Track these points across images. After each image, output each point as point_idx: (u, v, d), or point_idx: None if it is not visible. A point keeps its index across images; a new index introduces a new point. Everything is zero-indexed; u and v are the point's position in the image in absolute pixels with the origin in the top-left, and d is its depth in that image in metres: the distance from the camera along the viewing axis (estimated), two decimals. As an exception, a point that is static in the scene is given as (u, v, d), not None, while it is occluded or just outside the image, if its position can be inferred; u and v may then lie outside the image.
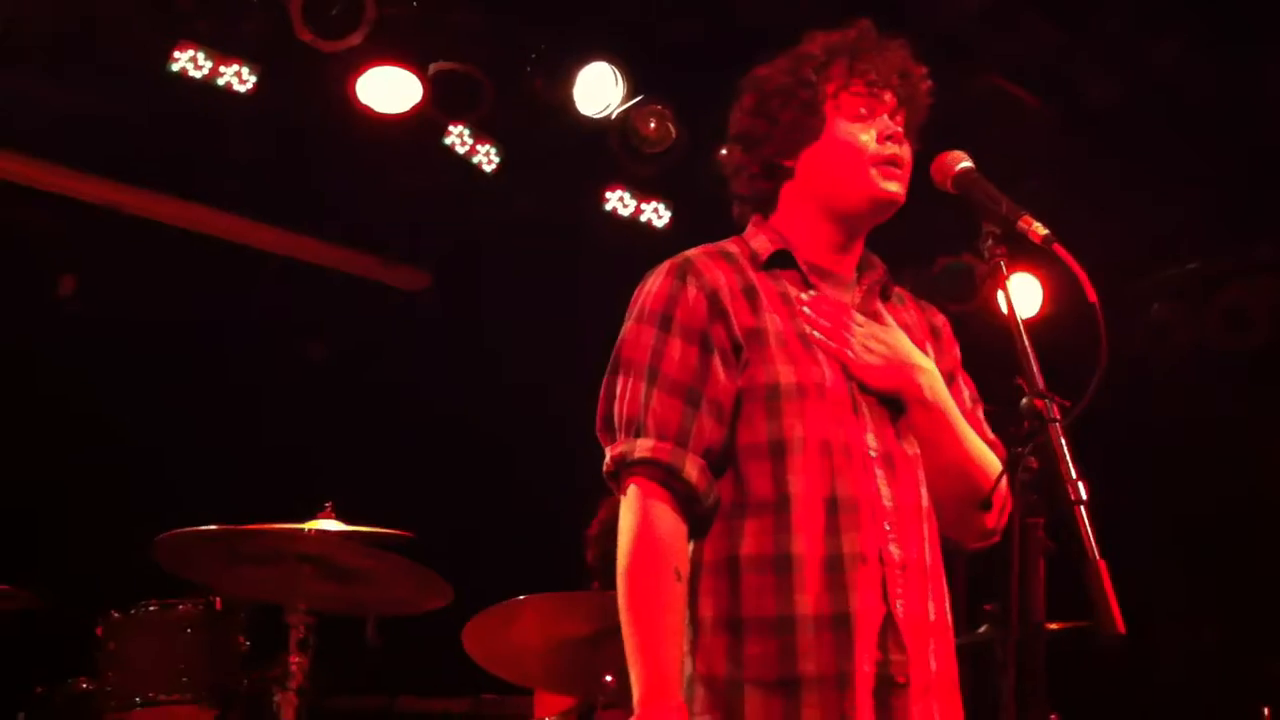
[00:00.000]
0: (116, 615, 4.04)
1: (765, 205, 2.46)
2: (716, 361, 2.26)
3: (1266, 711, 4.82)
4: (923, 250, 6.12)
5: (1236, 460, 5.96)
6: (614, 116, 5.44)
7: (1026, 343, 2.02)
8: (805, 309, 2.33)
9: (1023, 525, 1.91)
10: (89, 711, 4.06)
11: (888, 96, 2.38)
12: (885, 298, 2.47)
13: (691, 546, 2.25)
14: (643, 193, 5.93)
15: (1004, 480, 1.97)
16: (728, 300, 2.29)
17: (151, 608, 4.06)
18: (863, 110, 2.37)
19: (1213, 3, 4.91)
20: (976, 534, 2.39)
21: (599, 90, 5.38)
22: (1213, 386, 6.10)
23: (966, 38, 5.04)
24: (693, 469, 2.21)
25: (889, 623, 2.19)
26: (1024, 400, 1.94)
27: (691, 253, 2.38)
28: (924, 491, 2.32)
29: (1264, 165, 5.52)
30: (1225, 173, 5.62)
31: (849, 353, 2.30)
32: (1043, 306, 5.99)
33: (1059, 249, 2.07)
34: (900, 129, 2.38)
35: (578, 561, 4.29)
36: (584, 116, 5.40)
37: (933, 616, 2.27)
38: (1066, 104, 5.37)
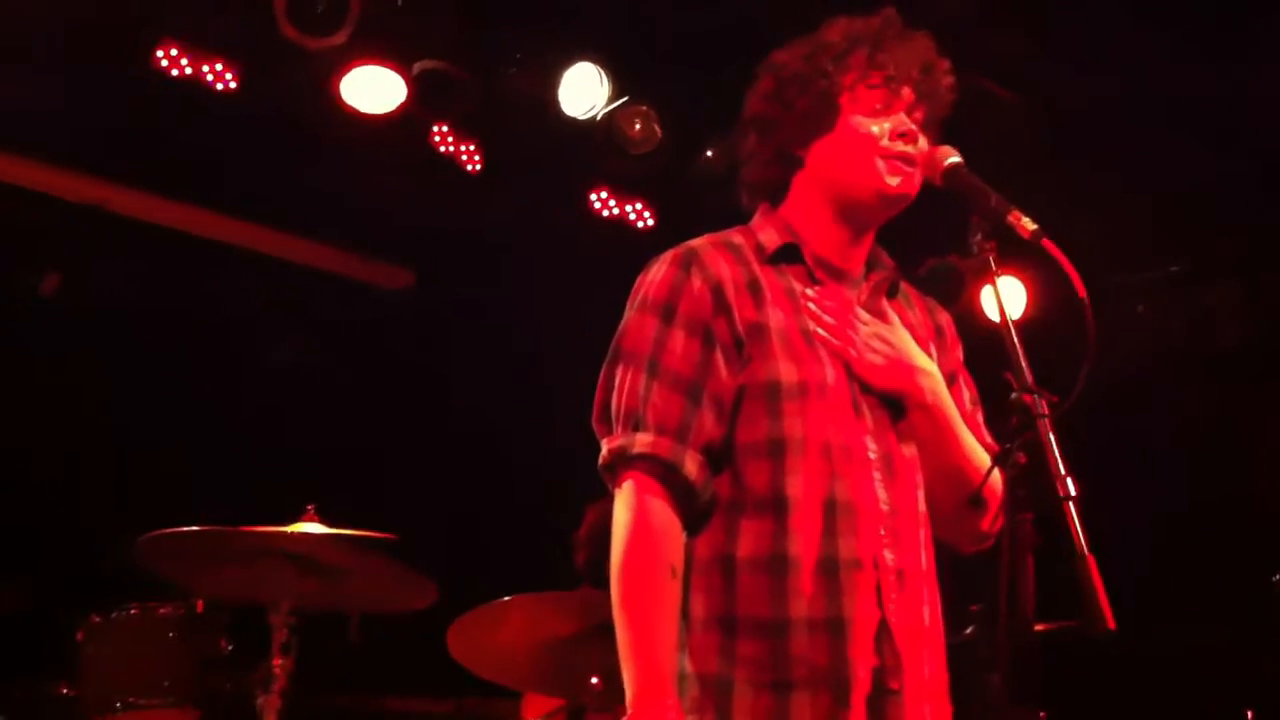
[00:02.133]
0: (97, 619, 4.01)
1: (775, 194, 2.42)
2: (718, 356, 2.22)
3: (1250, 715, 4.80)
4: (912, 250, 6.10)
5: (1233, 461, 5.95)
6: (599, 117, 5.42)
7: (1015, 338, 2.00)
8: (810, 305, 2.29)
9: (1011, 521, 1.90)
10: (69, 716, 4.02)
11: (906, 91, 2.33)
12: (891, 295, 2.43)
13: (684, 542, 2.21)
14: (627, 194, 5.92)
15: (996, 478, 1.94)
16: (731, 294, 2.25)
17: (132, 611, 4.03)
18: (878, 106, 2.32)
19: (1211, 3, 4.89)
20: (971, 537, 2.35)
21: (584, 91, 5.36)
22: (1209, 386, 6.09)
23: (961, 36, 5.01)
24: (692, 465, 2.18)
25: (883, 628, 2.17)
26: (1013, 395, 1.93)
27: (696, 243, 2.33)
28: (921, 495, 2.29)
29: (1262, 165, 5.51)
30: (1223, 172, 5.60)
31: (852, 351, 2.27)
32: (1027, 309, 5.97)
33: (1048, 244, 2.04)
34: (915, 127, 2.32)
35: (566, 563, 4.27)
36: (569, 117, 5.38)
37: (927, 622, 2.24)
38: (1061, 104, 5.34)
